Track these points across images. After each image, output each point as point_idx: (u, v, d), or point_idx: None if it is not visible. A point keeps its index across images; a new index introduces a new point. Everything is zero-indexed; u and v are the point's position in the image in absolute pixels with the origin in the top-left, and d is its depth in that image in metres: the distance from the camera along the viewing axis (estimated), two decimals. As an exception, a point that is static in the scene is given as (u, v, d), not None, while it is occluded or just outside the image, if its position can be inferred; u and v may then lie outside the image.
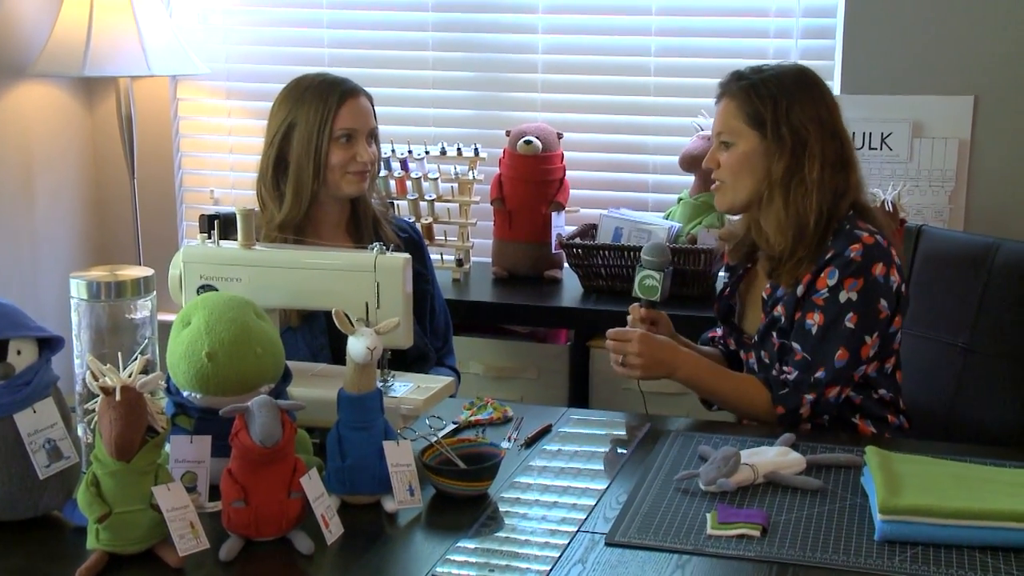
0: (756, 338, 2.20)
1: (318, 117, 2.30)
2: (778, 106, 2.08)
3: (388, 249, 2.01)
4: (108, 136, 3.68)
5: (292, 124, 2.32)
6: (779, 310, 2.13)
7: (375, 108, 2.40)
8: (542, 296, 3.20)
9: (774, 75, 2.11)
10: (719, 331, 2.37)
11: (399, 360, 2.07)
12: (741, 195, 2.14)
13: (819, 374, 2.07)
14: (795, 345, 2.10)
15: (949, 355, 2.41)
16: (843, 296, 2.06)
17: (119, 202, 3.72)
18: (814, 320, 2.08)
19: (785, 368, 2.10)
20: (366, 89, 2.40)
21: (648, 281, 2.20)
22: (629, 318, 2.22)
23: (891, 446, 1.91)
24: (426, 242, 2.74)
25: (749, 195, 2.13)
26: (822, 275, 2.08)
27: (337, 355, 2.23)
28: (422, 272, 2.45)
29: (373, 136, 2.38)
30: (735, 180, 2.14)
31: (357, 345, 1.72)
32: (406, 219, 2.70)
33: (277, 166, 2.35)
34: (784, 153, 2.08)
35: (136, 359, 1.57)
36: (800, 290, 2.11)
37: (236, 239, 2.03)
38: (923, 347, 2.43)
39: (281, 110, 2.34)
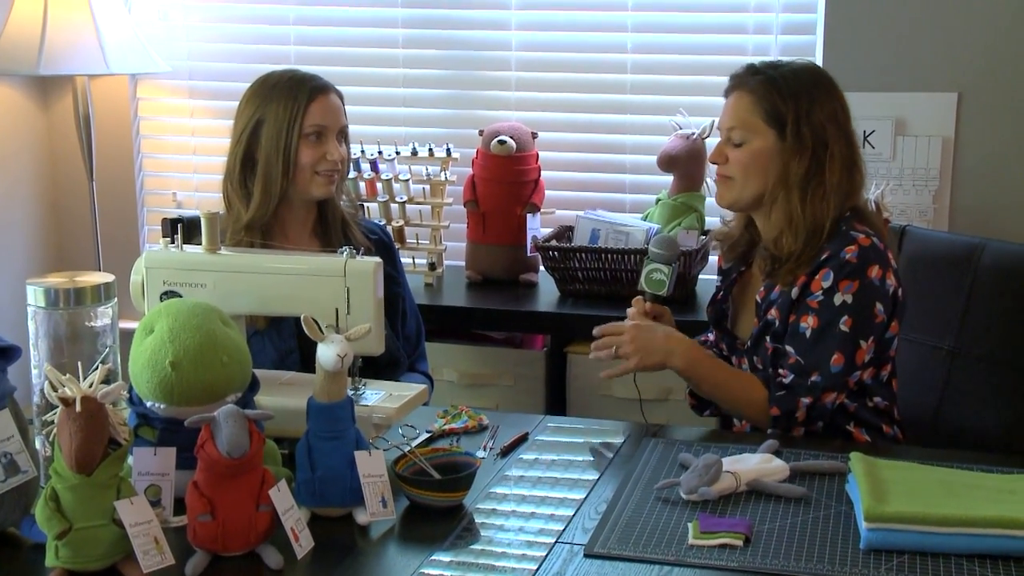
0: (749, 343, 2.21)
1: (287, 113, 2.30)
2: (799, 105, 2.09)
3: (358, 253, 2.01)
4: (65, 137, 3.66)
5: (260, 121, 2.32)
6: (773, 313, 2.14)
7: (345, 107, 2.40)
8: (517, 300, 3.21)
9: (792, 72, 2.12)
10: (711, 336, 2.38)
11: (370, 367, 2.07)
12: (748, 193, 2.15)
13: (815, 378, 2.08)
14: (788, 348, 2.11)
15: (934, 358, 2.43)
16: (838, 298, 2.07)
17: (77, 206, 3.69)
18: (808, 323, 2.09)
19: (780, 371, 2.11)
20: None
21: (656, 275, 2.21)
22: (631, 311, 2.22)
23: (876, 452, 1.92)
24: (397, 245, 2.74)
25: (757, 193, 2.14)
26: (816, 277, 2.09)
27: (307, 359, 2.23)
28: (393, 275, 2.45)
29: (343, 135, 2.38)
30: (745, 177, 2.14)
31: (327, 352, 1.72)
32: (376, 222, 2.70)
33: (245, 164, 2.34)
34: (804, 154, 2.09)
35: (97, 368, 1.56)
36: (795, 292, 2.12)
37: (200, 243, 2.03)
38: (908, 350, 2.44)
39: (249, 107, 2.34)
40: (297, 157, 2.30)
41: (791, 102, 2.10)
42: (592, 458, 1.99)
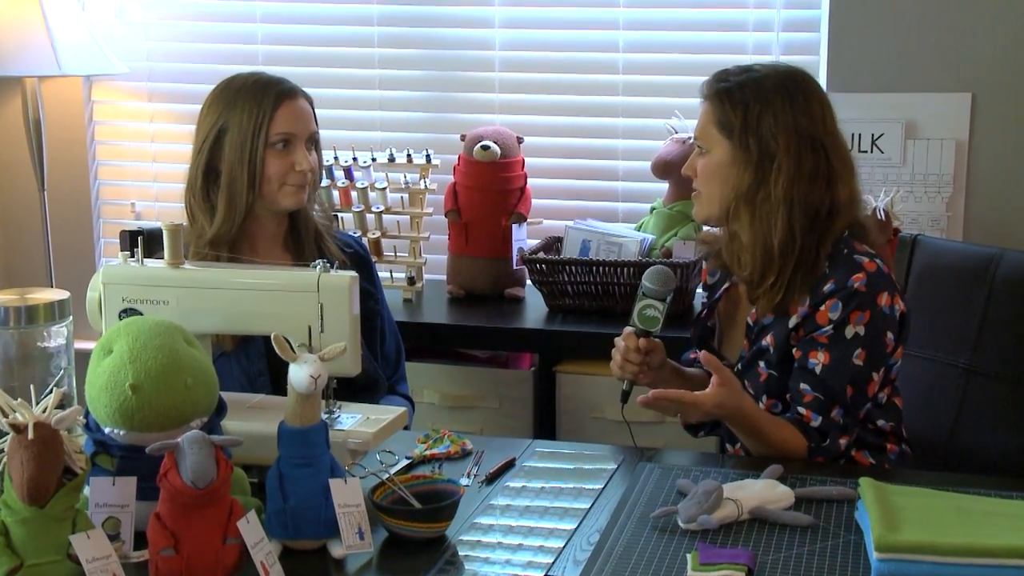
0: (740, 366, 2.22)
1: (252, 121, 2.30)
2: (748, 113, 2.11)
3: (333, 267, 2.01)
4: (13, 143, 3.66)
5: (223, 129, 2.32)
6: (768, 340, 2.15)
7: (315, 111, 2.41)
8: (503, 317, 3.21)
9: (756, 78, 2.13)
10: (695, 353, 2.39)
11: (346, 388, 2.08)
12: (714, 207, 2.18)
13: (834, 413, 2.09)
14: (803, 386, 2.12)
15: (949, 376, 2.45)
16: (849, 331, 2.08)
17: (27, 217, 3.69)
18: (818, 359, 2.10)
19: (801, 411, 2.11)
20: (305, 90, 2.40)
21: (649, 311, 2.21)
22: (621, 344, 2.23)
23: (888, 477, 1.93)
24: (373, 258, 2.75)
25: (720, 206, 2.16)
26: (822, 308, 2.09)
27: (277, 381, 2.23)
28: (370, 291, 2.45)
29: (313, 142, 2.39)
30: (708, 190, 2.18)
31: (299, 373, 1.73)
32: (351, 233, 2.70)
33: (207, 175, 2.34)
34: (749, 164, 2.11)
35: (51, 392, 1.56)
36: (793, 321, 2.12)
37: (162, 257, 2.03)
38: (920, 368, 2.46)
39: (211, 113, 2.34)
40: (263, 168, 2.31)
41: (740, 110, 2.11)
42: (587, 485, 2.00)
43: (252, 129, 2.30)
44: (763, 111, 2.11)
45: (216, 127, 2.33)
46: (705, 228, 2.38)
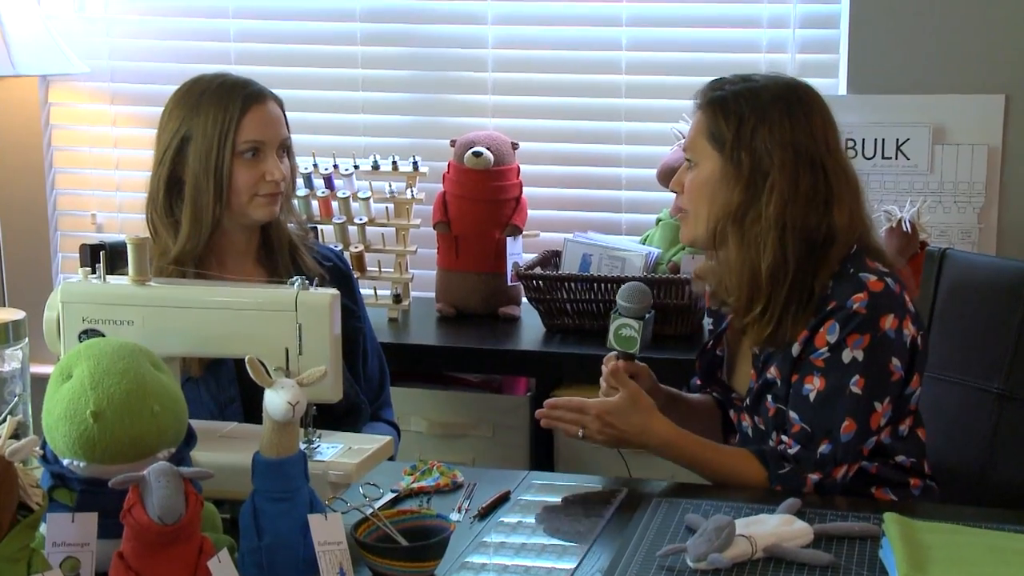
0: (748, 401, 2.22)
1: (217, 128, 2.30)
2: (743, 125, 2.10)
3: (312, 284, 2.02)
4: (-36, 150, 3.67)
5: (186, 137, 2.32)
6: (773, 372, 2.15)
7: (287, 114, 2.40)
8: (496, 338, 3.22)
9: (754, 88, 2.13)
10: (696, 365, 2.40)
11: (326, 415, 2.08)
12: (700, 227, 2.16)
13: (823, 448, 2.09)
14: (792, 414, 2.12)
15: (981, 402, 2.45)
16: (846, 355, 2.07)
17: (-22, 230, 3.69)
18: (813, 384, 2.10)
19: (784, 439, 2.13)
20: (277, 93, 2.40)
21: (625, 331, 2.22)
22: (604, 370, 2.24)
23: (914, 513, 1.94)
24: (356, 274, 2.75)
25: (707, 227, 2.15)
26: (821, 330, 2.09)
27: (250, 409, 2.23)
28: (351, 309, 2.46)
29: (285, 148, 2.38)
30: (694, 207, 2.17)
31: (276, 400, 1.73)
32: (332, 246, 2.71)
33: (170, 188, 2.34)
34: (740, 181, 2.11)
35: (4, 421, 1.56)
36: (796, 349, 2.12)
37: (126, 273, 2.03)
38: (950, 393, 2.46)
39: (173, 120, 2.34)
40: (231, 179, 2.31)
41: (733, 122, 2.11)
42: (588, 521, 2.00)
43: (218, 137, 2.29)
44: (758, 124, 2.10)
45: (179, 135, 2.32)
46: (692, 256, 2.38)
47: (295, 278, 2.01)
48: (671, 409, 2.28)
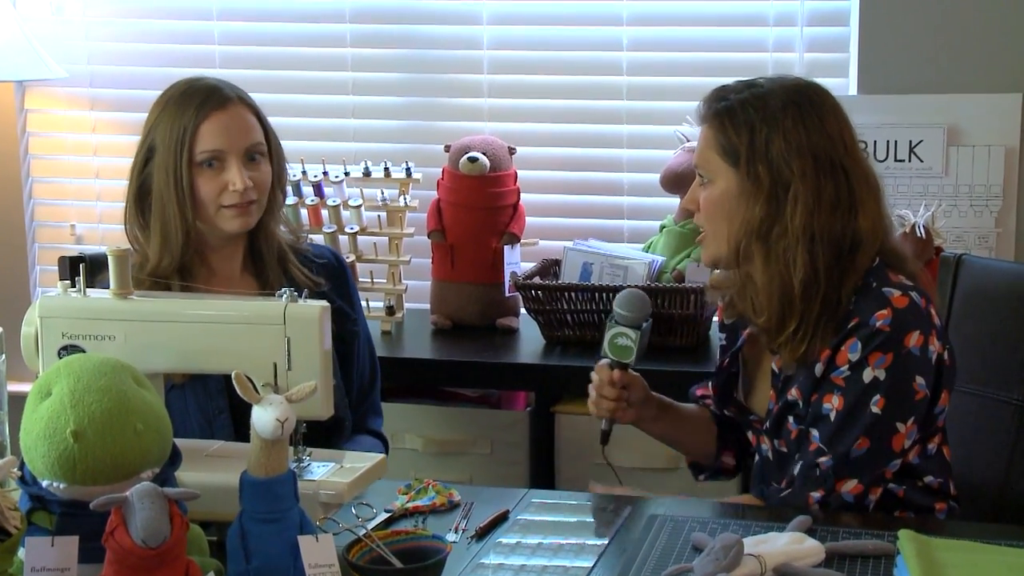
0: (768, 423, 2.21)
1: (174, 138, 2.30)
2: (755, 136, 2.08)
3: (301, 296, 2.02)
4: (-64, 159, 3.68)
5: (152, 148, 2.33)
6: (794, 393, 2.15)
7: (268, 118, 2.40)
8: (494, 350, 3.23)
9: (760, 94, 2.11)
10: (711, 387, 2.40)
11: (312, 428, 2.08)
12: (722, 246, 2.15)
13: (825, 460, 2.09)
14: (813, 432, 2.12)
15: (1000, 415, 2.45)
16: (867, 374, 2.07)
17: (-47, 242, 3.70)
18: (832, 403, 2.09)
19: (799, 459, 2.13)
20: (263, 96, 2.40)
21: (621, 340, 2.22)
22: (594, 378, 2.25)
23: (931, 529, 1.94)
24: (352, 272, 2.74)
25: (729, 245, 2.13)
26: (843, 348, 2.08)
27: (240, 422, 2.24)
28: (346, 312, 2.46)
29: (260, 154, 2.36)
30: (713, 227, 2.15)
31: (264, 417, 1.73)
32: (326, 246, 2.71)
33: (141, 199, 2.36)
34: (760, 195, 2.09)
35: (-18, 440, 1.57)
36: (819, 369, 2.11)
37: (107, 286, 2.04)
38: (966, 406, 2.46)
39: (144, 130, 2.36)
40: (193, 190, 2.31)
41: (745, 133, 2.09)
42: (590, 540, 2.01)
43: (175, 148, 2.29)
44: (772, 133, 2.08)
45: (145, 145, 2.34)
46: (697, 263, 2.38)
47: (283, 290, 2.02)
48: (661, 418, 2.29)
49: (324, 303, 2.03)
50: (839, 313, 2.09)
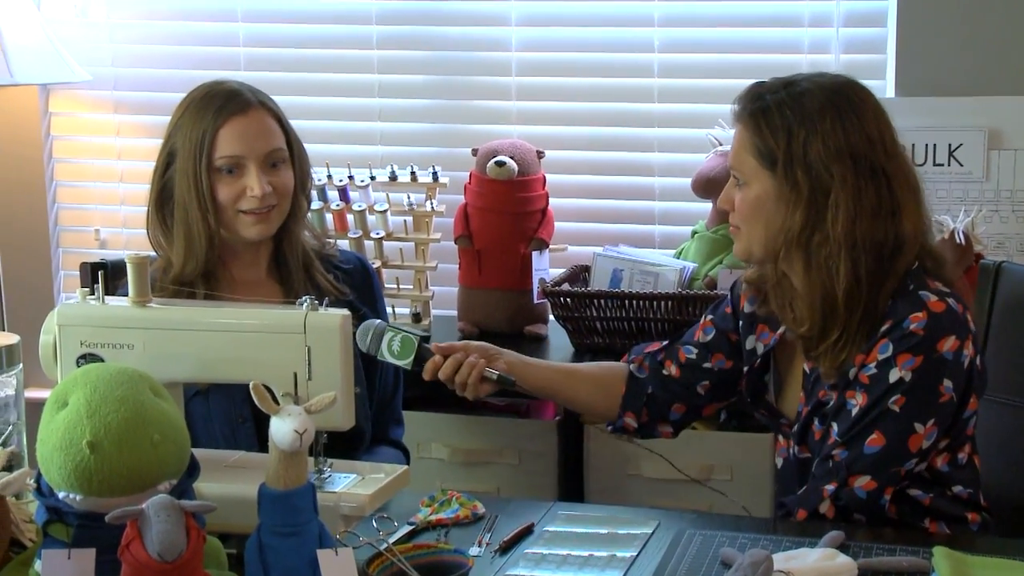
0: (797, 427, 2.20)
1: (194, 144, 2.32)
2: (792, 140, 2.06)
3: (322, 304, 2.02)
4: (-41, 163, 3.70)
5: (172, 152, 2.36)
6: (825, 394, 2.14)
7: (286, 122, 2.41)
8: (522, 359, 3.22)
9: (797, 94, 2.09)
10: (664, 346, 2.38)
11: (331, 438, 2.07)
12: (757, 247, 2.15)
13: (839, 451, 2.08)
14: (834, 426, 2.12)
15: (1038, 426, 2.44)
16: (893, 374, 2.06)
17: (-26, 247, 3.72)
18: (856, 400, 2.09)
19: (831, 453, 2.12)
20: (288, 100, 2.41)
21: (395, 343, 2.22)
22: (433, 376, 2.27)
23: (967, 546, 1.93)
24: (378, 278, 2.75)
25: (765, 248, 2.13)
26: (874, 349, 2.08)
27: (264, 431, 2.22)
28: (371, 317, 2.46)
29: (280, 160, 2.37)
30: (749, 228, 2.15)
31: (282, 428, 1.74)
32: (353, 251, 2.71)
33: (163, 205, 2.38)
34: (800, 202, 2.07)
35: (-2, 451, 1.58)
36: (853, 372, 2.10)
37: (127, 294, 2.04)
38: (1002, 416, 2.44)
39: (165, 133, 2.38)
40: (213, 196, 2.33)
41: (782, 136, 2.07)
42: (618, 554, 2.00)
43: (194, 153, 2.32)
44: (810, 136, 2.06)
45: (166, 150, 2.37)
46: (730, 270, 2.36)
47: (304, 298, 2.02)
48: (534, 369, 2.39)
49: (345, 312, 2.03)
50: (876, 316, 2.08)
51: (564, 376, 2.42)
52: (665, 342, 2.39)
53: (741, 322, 2.31)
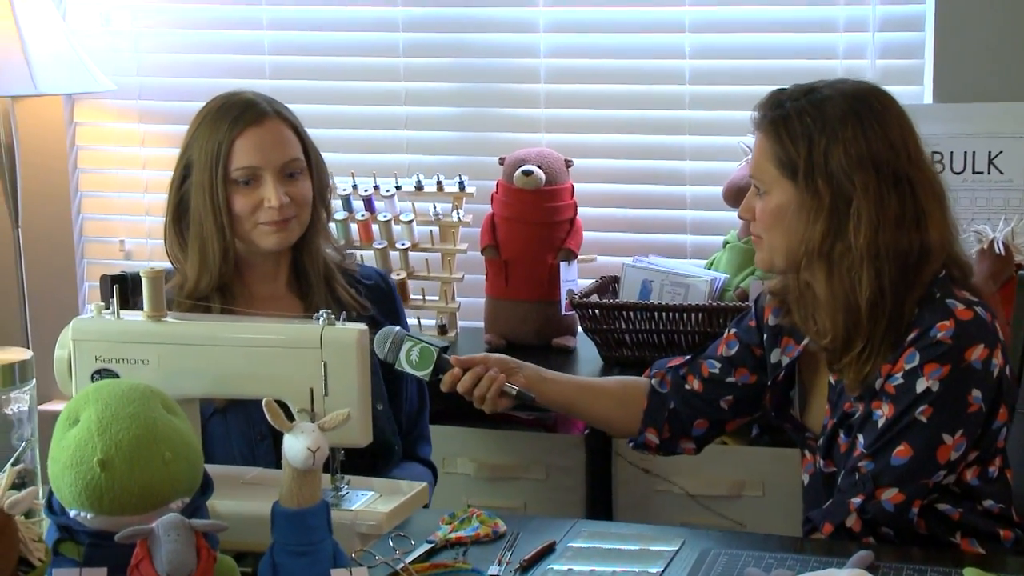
0: (822, 440, 2.19)
1: (210, 155, 2.33)
2: (814, 148, 2.05)
3: (340, 318, 2.02)
4: (-16, 173, 3.72)
5: (189, 164, 2.36)
6: (851, 406, 2.13)
7: (303, 132, 2.41)
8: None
9: (818, 101, 2.08)
10: (686, 360, 2.37)
11: (354, 454, 2.06)
12: (779, 257, 2.14)
13: (865, 463, 2.06)
14: (860, 438, 2.10)
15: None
16: (920, 384, 2.04)
17: (-1, 258, 3.74)
18: (882, 411, 2.07)
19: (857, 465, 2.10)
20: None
21: (414, 354, 2.20)
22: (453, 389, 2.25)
23: (999, 566, 1.90)
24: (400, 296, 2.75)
25: (787, 258, 2.13)
26: (900, 359, 2.06)
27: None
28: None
29: (297, 170, 2.37)
30: (770, 238, 2.14)
31: (295, 446, 1.73)
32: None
33: (180, 217, 2.39)
34: (821, 212, 2.06)
35: (4, 471, 1.57)
36: (879, 382, 2.09)
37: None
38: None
39: (182, 145, 2.40)
40: (230, 207, 2.33)
41: (803, 145, 2.06)
42: (643, 573, 1.98)
43: (210, 165, 2.32)
44: (831, 144, 2.05)
45: (183, 163, 2.37)
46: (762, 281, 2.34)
47: (320, 312, 2.02)
48: (552, 383, 2.35)
49: (362, 326, 2.02)
50: (901, 326, 2.07)
51: (583, 391, 2.40)
52: (688, 356, 2.38)
53: (765, 335, 2.30)
